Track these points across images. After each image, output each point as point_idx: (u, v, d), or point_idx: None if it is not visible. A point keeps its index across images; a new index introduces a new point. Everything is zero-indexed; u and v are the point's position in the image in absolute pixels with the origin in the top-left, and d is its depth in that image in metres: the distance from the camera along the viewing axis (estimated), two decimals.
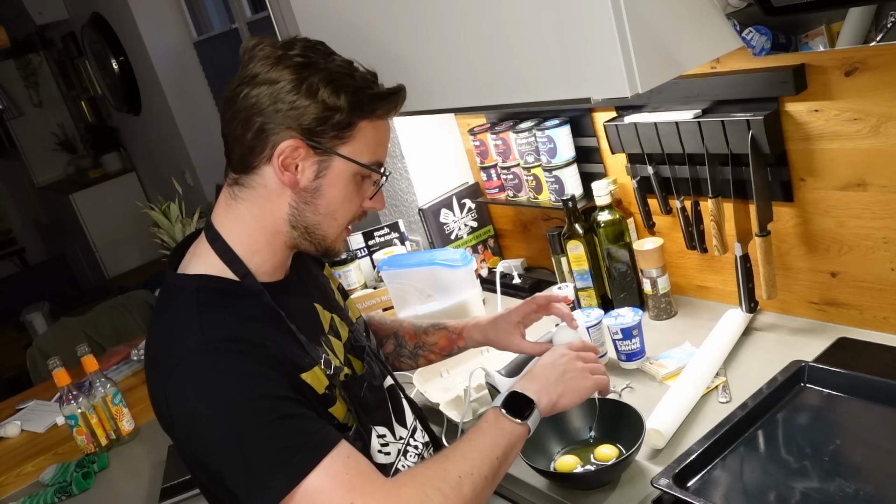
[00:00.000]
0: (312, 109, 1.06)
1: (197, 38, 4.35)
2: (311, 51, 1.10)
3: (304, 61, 1.07)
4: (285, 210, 1.12)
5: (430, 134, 2.22)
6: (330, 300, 1.31)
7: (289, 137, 1.07)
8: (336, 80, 1.08)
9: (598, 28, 1.15)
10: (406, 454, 1.27)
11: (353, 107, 1.08)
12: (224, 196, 1.15)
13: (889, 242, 1.37)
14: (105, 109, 5.92)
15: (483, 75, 1.41)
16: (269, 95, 1.06)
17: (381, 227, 2.33)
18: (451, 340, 1.48)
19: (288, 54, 1.08)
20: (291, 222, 1.13)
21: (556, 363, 1.23)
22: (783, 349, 1.49)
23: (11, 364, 4.44)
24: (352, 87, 1.09)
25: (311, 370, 1.12)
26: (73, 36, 5.56)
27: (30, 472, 2.00)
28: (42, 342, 3.19)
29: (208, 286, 1.10)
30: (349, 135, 1.10)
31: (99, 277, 6.04)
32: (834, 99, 1.34)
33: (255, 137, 1.07)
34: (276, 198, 1.11)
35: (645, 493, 1.23)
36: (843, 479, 1.13)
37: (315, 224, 1.13)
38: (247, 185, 1.12)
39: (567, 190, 1.85)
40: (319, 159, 1.09)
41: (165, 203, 2.29)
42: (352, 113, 1.08)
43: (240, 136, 1.08)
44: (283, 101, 1.06)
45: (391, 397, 1.30)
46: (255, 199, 1.12)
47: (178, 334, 1.07)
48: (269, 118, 1.06)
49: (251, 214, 1.12)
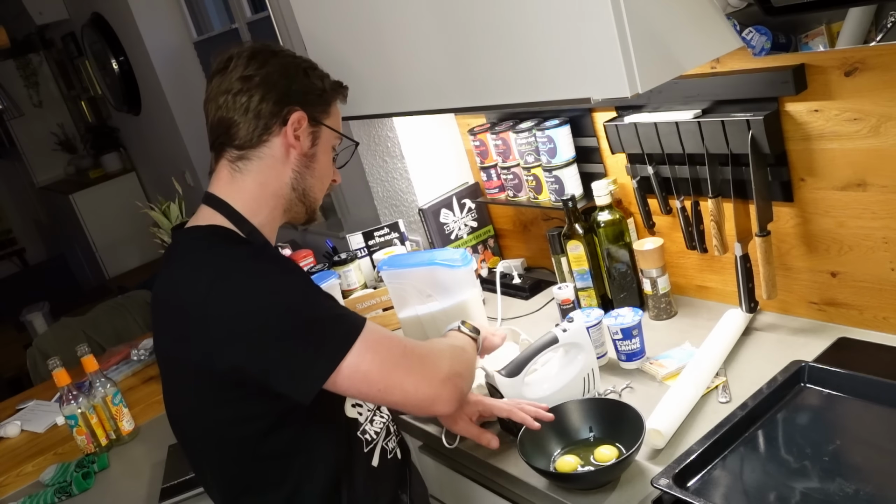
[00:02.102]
0: (306, 89, 1.27)
1: (197, 38, 4.35)
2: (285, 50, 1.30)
3: (287, 56, 1.28)
4: (289, 175, 1.27)
5: (430, 134, 2.22)
6: None
7: (295, 111, 1.25)
8: (314, 68, 1.30)
9: (598, 28, 1.15)
10: (372, 422, 1.33)
11: (331, 88, 1.31)
12: (225, 171, 1.27)
13: (889, 242, 1.37)
14: (105, 109, 5.92)
15: (483, 75, 1.41)
16: (267, 84, 1.23)
17: (381, 227, 2.33)
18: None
19: (273, 51, 1.26)
20: (293, 184, 1.28)
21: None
22: (783, 349, 1.49)
23: (11, 364, 4.44)
24: (325, 75, 1.32)
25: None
26: (73, 36, 5.56)
27: (30, 472, 2.00)
28: (42, 342, 3.19)
29: (217, 233, 1.23)
30: (329, 111, 1.31)
31: (99, 277, 6.04)
32: (834, 99, 1.34)
33: (263, 118, 1.23)
34: (282, 165, 1.26)
35: (645, 493, 1.23)
36: (844, 479, 1.13)
37: (311, 186, 1.30)
38: (253, 157, 1.25)
39: (567, 190, 1.85)
40: (313, 130, 1.28)
41: (165, 203, 2.29)
42: (331, 93, 1.31)
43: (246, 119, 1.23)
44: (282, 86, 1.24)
45: None
46: (261, 168, 1.26)
47: (198, 263, 1.18)
48: (272, 100, 1.23)
49: (257, 182, 1.26)
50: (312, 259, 2.52)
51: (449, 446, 1.49)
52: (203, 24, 4.35)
